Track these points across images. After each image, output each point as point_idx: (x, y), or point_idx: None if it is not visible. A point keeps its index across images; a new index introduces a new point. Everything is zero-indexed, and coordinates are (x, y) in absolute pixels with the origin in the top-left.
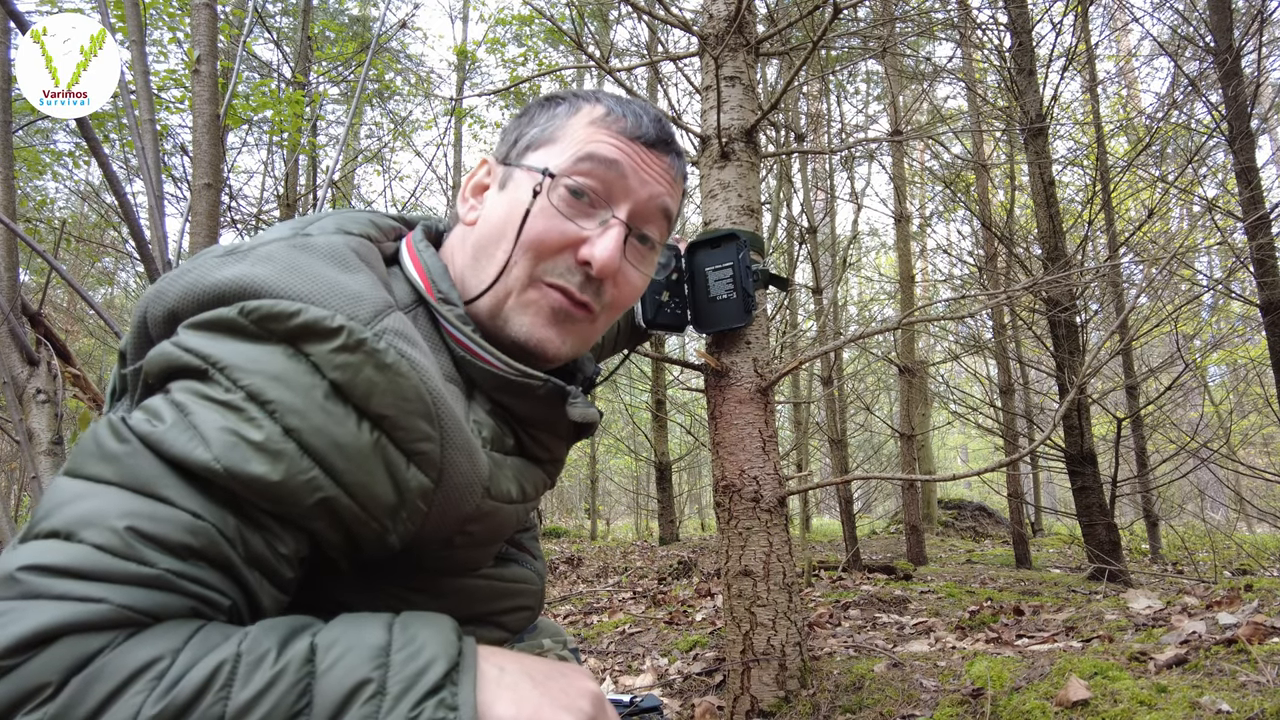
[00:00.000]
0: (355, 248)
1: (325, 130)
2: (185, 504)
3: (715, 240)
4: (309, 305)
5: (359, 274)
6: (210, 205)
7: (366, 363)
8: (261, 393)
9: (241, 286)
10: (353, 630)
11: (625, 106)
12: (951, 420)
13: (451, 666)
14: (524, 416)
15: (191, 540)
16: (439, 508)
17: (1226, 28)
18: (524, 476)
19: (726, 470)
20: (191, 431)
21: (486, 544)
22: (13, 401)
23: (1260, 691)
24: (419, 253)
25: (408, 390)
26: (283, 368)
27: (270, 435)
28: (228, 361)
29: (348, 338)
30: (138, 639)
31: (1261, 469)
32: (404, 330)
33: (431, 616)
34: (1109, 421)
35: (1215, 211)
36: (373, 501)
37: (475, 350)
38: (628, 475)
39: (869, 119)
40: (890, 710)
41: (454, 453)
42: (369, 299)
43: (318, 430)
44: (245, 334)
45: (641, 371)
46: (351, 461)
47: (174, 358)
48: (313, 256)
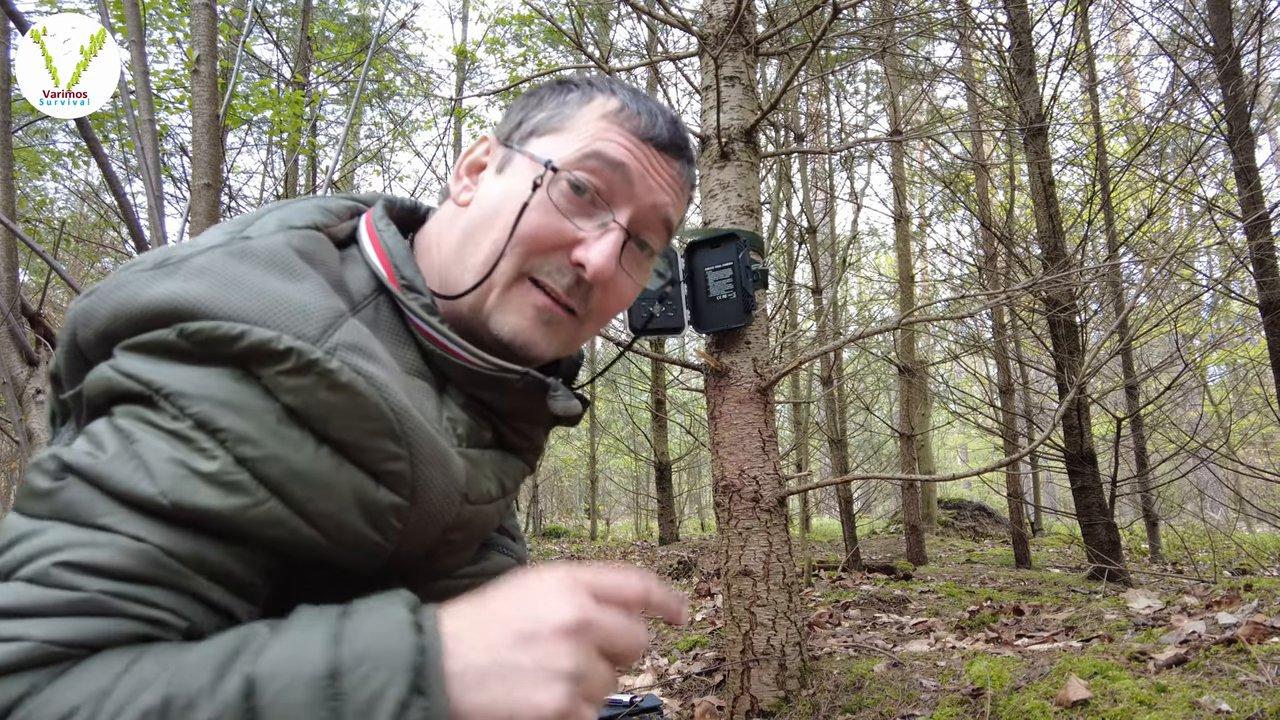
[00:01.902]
0: (299, 246)
1: (325, 130)
2: (125, 529)
3: (715, 240)
4: (252, 326)
5: (304, 281)
6: (210, 205)
7: (319, 384)
8: (211, 420)
9: (175, 306)
10: (293, 651)
11: (641, 103)
12: (951, 420)
13: (411, 689)
14: (502, 409)
15: (130, 562)
16: (416, 524)
17: (1226, 27)
18: (503, 470)
19: (726, 470)
20: (136, 462)
21: (468, 547)
22: (12, 402)
23: (1260, 691)
24: (379, 232)
25: (368, 409)
26: (233, 392)
27: (222, 466)
28: (173, 387)
29: (297, 360)
30: (67, 679)
31: (1261, 469)
32: (357, 343)
33: (382, 612)
34: (1109, 421)
35: (1215, 211)
36: (339, 530)
37: (444, 344)
38: (628, 475)
39: (869, 119)
40: (890, 710)
41: (425, 467)
42: (317, 311)
43: (273, 458)
44: (188, 357)
45: (641, 371)
46: (312, 489)
47: (115, 382)
48: (252, 265)
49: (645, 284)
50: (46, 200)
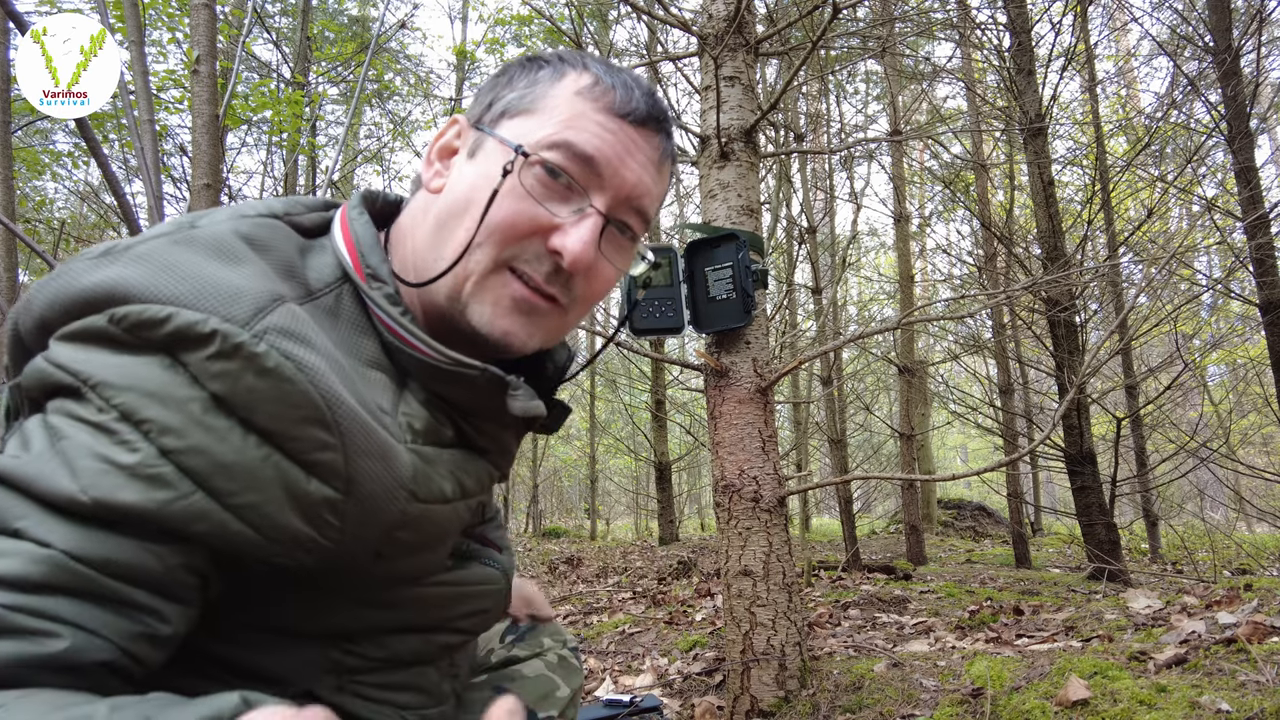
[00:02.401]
0: (247, 232)
1: (324, 130)
2: (35, 534)
3: (715, 240)
4: (180, 309)
5: (243, 266)
6: (209, 205)
7: (246, 369)
8: (135, 411)
9: (109, 291)
10: None
11: (615, 76)
12: (951, 420)
13: None
14: (463, 406)
15: (33, 570)
16: (354, 519)
17: (1225, 27)
18: (463, 471)
19: (726, 470)
20: (58, 460)
21: (425, 549)
22: None
23: (1260, 691)
24: (351, 221)
25: (295, 396)
26: (159, 381)
27: (144, 458)
28: (100, 378)
29: (222, 343)
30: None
31: (1261, 469)
32: (290, 328)
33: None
34: (1108, 421)
35: (1214, 211)
36: (267, 523)
37: (403, 335)
38: (627, 475)
39: (868, 119)
40: (890, 710)
41: (361, 459)
42: (249, 294)
43: (197, 450)
44: (118, 344)
45: (641, 371)
46: (238, 481)
47: (46, 375)
48: (192, 251)
49: (628, 269)
50: (46, 200)
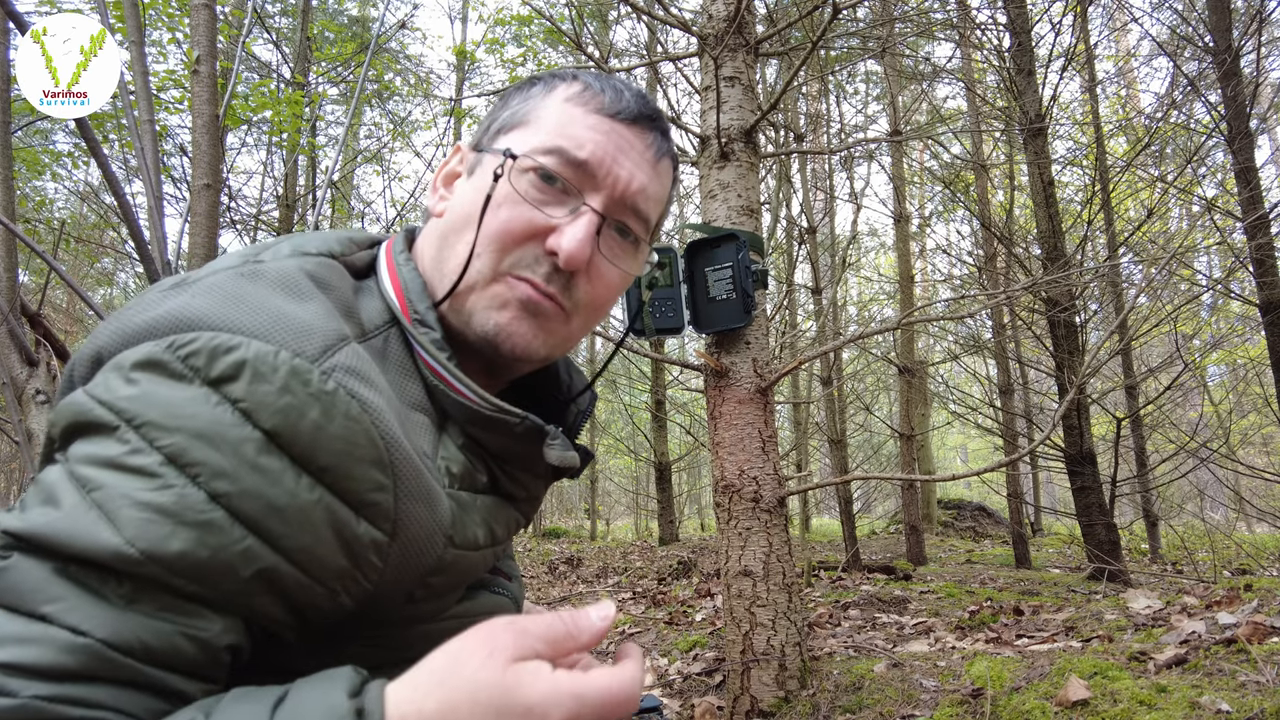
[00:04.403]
0: (311, 270)
1: (324, 130)
2: (66, 620)
3: (715, 240)
4: (250, 340)
5: (310, 302)
6: (209, 205)
7: (312, 405)
8: (183, 454)
9: (176, 320)
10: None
11: (604, 82)
12: (951, 420)
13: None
14: (499, 453)
15: (68, 660)
16: (396, 562)
17: (1225, 28)
18: (494, 518)
19: (726, 470)
20: (96, 512)
21: (450, 593)
22: (12, 402)
23: (1260, 691)
24: (398, 266)
25: (358, 435)
26: (209, 420)
27: (194, 503)
28: (146, 417)
29: (291, 377)
30: None
31: (1261, 469)
32: (356, 367)
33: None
34: (1108, 421)
35: (1214, 211)
36: (318, 565)
37: (449, 380)
38: (627, 475)
39: (868, 119)
40: (890, 710)
41: (410, 502)
42: (318, 332)
43: (250, 493)
44: (170, 374)
45: (641, 372)
46: (291, 525)
47: (83, 410)
48: (261, 285)
49: (636, 272)
50: (46, 200)
